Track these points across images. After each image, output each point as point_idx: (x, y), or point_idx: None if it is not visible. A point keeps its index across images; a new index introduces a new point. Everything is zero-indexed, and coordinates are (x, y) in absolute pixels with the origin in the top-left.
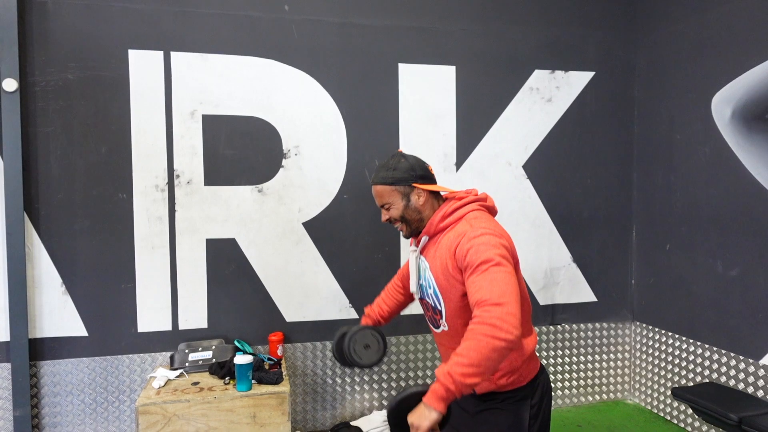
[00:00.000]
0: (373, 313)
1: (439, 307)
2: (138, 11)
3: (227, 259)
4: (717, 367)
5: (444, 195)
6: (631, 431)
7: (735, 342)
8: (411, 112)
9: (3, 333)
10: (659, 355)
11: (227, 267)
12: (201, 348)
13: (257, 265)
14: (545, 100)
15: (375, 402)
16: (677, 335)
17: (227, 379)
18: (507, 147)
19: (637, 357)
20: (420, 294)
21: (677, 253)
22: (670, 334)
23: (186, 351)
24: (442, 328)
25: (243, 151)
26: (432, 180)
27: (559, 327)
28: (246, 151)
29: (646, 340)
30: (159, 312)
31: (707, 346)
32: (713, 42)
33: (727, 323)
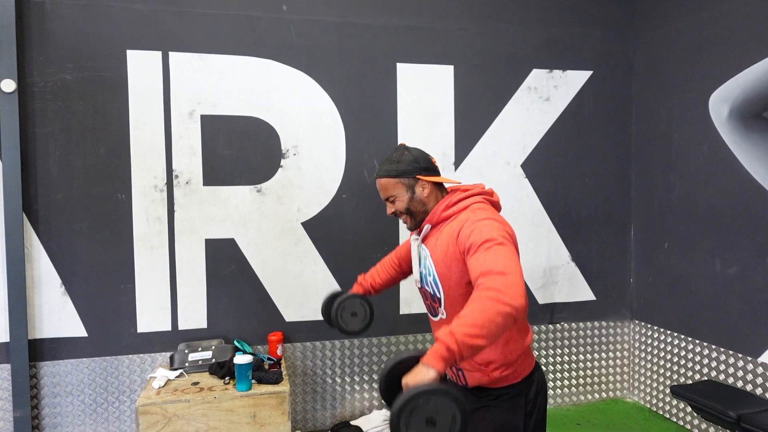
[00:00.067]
0: (366, 283)
1: (438, 295)
2: (136, 11)
3: (226, 259)
4: (716, 365)
5: (449, 187)
6: (631, 429)
7: (733, 340)
8: (409, 111)
9: (3, 334)
10: (658, 354)
11: (226, 267)
12: (201, 348)
13: (256, 265)
14: (543, 99)
15: (375, 401)
16: (676, 333)
17: (227, 379)
18: (505, 146)
19: (636, 355)
20: (420, 282)
21: (676, 252)
22: (668, 332)
23: (186, 351)
24: (440, 316)
25: (242, 151)
26: (436, 172)
27: (558, 326)
28: (245, 151)
29: (644, 338)
30: (158, 312)
31: (706, 344)
32: (711, 41)
33: (726, 321)
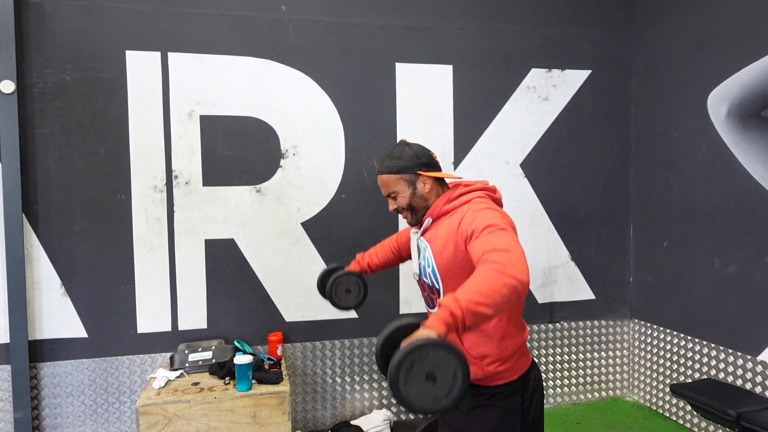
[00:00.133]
0: (363, 262)
1: (437, 286)
2: (135, 12)
3: (226, 260)
4: (715, 364)
5: (450, 183)
6: (631, 428)
7: (733, 338)
8: (408, 111)
9: (3, 335)
10: (658, 352)
11: (226, 267)
12: (201, 348)
13: (256, 265)
14: (542, 98)
15: (375, 401)
16: (675, 332)
17: (227, 379)
18: (504, 146)
19: (636, 354)
20: (418, 275)
21: (675, 251)
22: (668, 331)
23: (186, 351)
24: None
25: (241, 152)
26: (437, 167)
27: (558, 325)
28: (244, 152)
29: (644, 337)
30: (158, 313)
31: (705, 342)
32: (709, 40)
33: (725, 320)
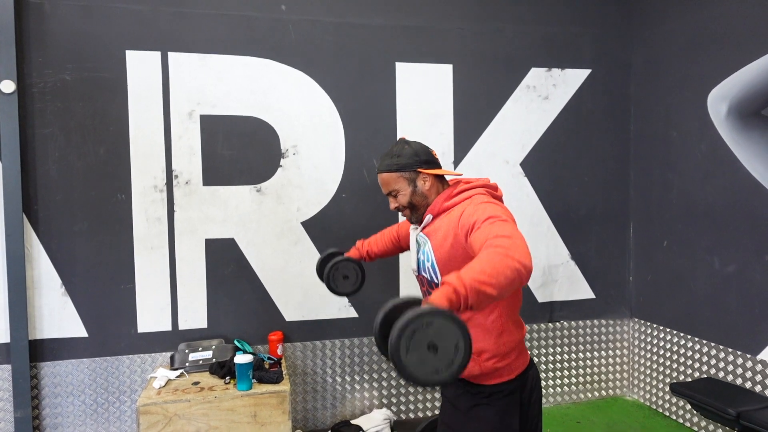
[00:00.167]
0: (362, 249)
1: (436, 281)
2: (135, 12)
3: (226, 259)
4: (715, 363)
5: (451, 180)
6: (631, 427)
7: (732, 337)
8: (408, 110)
9: (3, 334)
10: (657, 351)
11: (226, 267)
12: (201, 348)
13: (256, 265)
14: (542, 98)
15: (375, 400)
16: (675, 331)
17: (227, 379)
18: (504, 145)
19: (636, 353)
20: (417, 270)
21: (674, 250)
22: (668, 330)
23: (186, 351)
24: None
25: (241, 151)
26: (437, 164)
27: (558, 324)
28: (244, 151)
29: (644, 336)
30: (159, 312)
31: (705, 342)
32: (709, 39)
33: (725, 319)
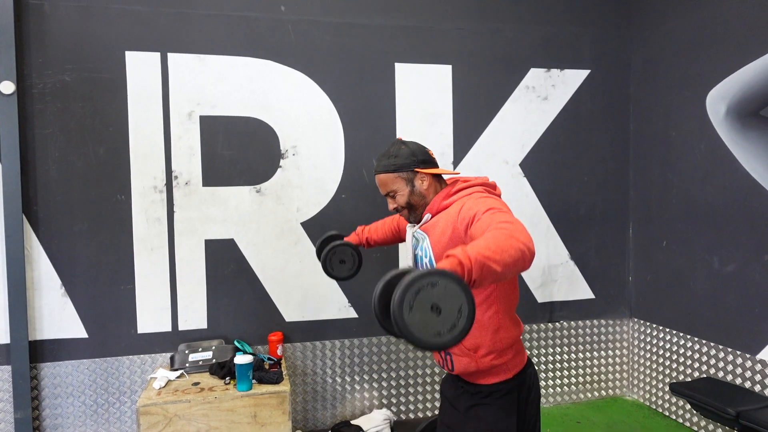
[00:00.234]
0: (362, 235)
1: None
2: (135, 13)
3: (226, 260)
4: (714, 363)
5: (448, 179)
6: (630, 427)
7: (732, 337)
8: (408, 111)
9: (3, 335)
10: (657, 351)
11: (226, 267)
12: (201, 348)
13: (256, 265)
14: (541, 98)
15: (375, 401)
16: (675, 331)
17: (227, 379)
18: (504, 145)
19: (635, 353)
20: (415, 266)
21: (674, 250)
22: (667, 330)
23: (186, 351)
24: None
25: (241, 152)
26: (434, 164)
27: (558, 324)
28: (244, 152)
29: (643, 336)
30: (159, 313)
31: (704, 341)
32: (708, 39)
33: (724, 319)
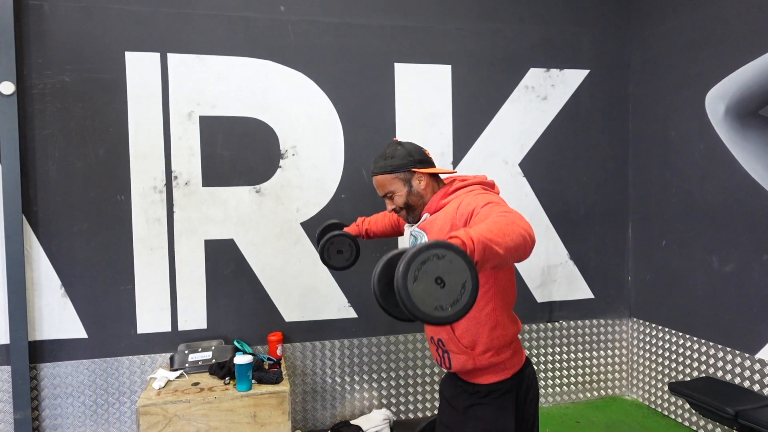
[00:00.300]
0: (362, 226)
1: None
2: (134, 13)
3: (226, 260)
4: (713, 362)
5: (446, 178)
6: (630, 426)
7: (731, 337)
8: (407, 111)
9: (3, 336)
10: (656, 351)
11: (226, 267)
12: (201, 349)
13: (256, 266)
14: (541, 98)
15: (375, 401)
16: (674, 331)
17: (227, 380)
18: (503, 145)
19: (635, 353)
20: None
21: (673, 249)
22: (666, 329)
23: (186, 352)
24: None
25: (240, 152)
26: (431, 163)
27: (557, 324)
28: (243, 152)
29: (643, 336)
30: (158, 313)
31: (704, 341)
32: (706, 39)
33: (723, 318)
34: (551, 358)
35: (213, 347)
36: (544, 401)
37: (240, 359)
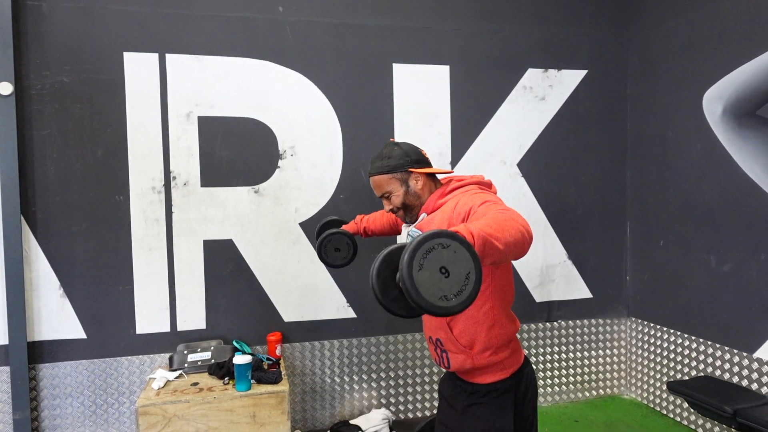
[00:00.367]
0: (360, 224)
1: None
2: (133, 14)
3: (225, 260)
4: (711, 361)
5: (443, 178)
6: (628, 426)
7: (729, 336)
8: (406, 111)
9: (1, 336)
10: (655, 350)
11: (225, 268)
12: (200, 349)
13: (255, 266)
14: (539, 98)
15: (374, 400)
16: (672, 330)
17: (226, 380)
18: (501, 145)
19: (633, 352)
20: None
21: (671, 249)
22: (665, 329)
23: (185, 352)
24: None
25: (239, 153)
26: (427, 163)
27: (556, 324)
28: (242, 153)
29: (641, 335)
30: (157, 313)
31: (702, 340)
32: (704, 40)
33: (721, 317)
34: (550, 357)
35: (212, 347)
36: (542, 400)
37: (239, 359)
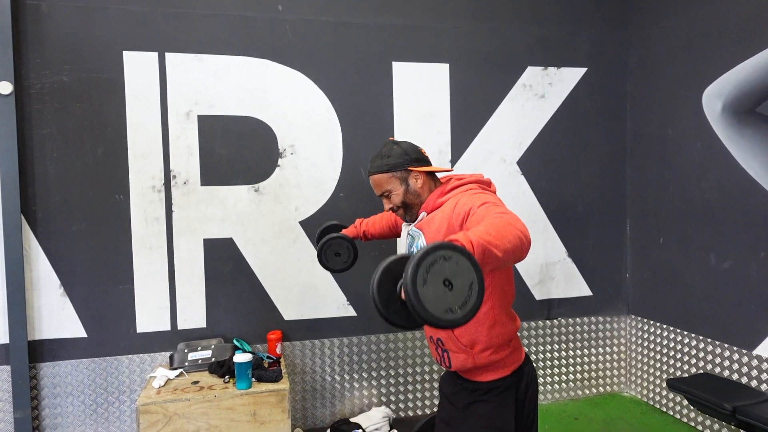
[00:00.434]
0: (360, 228)
1: None
2: (132, 13)
3: (225, 259)
4: (711, 359)
5: (442, 177)
6: (628, 423)
7: (729, 333)
8: (405, 109)
9: (2, 335)
10: (654, 348)
11: (225, 266)
12: (200, 347)
13: (255, 264)
14: (538, 96)
15: (374, 399)
16: (672, 327)
17: (227, 378)
18: (501, 143)
19: (633, 350)
20: None
21: (671, 247)
22: (664, 326)
23: (185, 350)
24: None
25: (239, 151)
26: (427, 162)
27: (555, 321)
28: (242, 151)
29: (641, 333)
30: (157, 312)
31: (701, 337)
32: (704, 37)
33: (721, 315)
34: (550, 355)
35: (212, 346)
36: (542, 398)
37: (239, 358)
